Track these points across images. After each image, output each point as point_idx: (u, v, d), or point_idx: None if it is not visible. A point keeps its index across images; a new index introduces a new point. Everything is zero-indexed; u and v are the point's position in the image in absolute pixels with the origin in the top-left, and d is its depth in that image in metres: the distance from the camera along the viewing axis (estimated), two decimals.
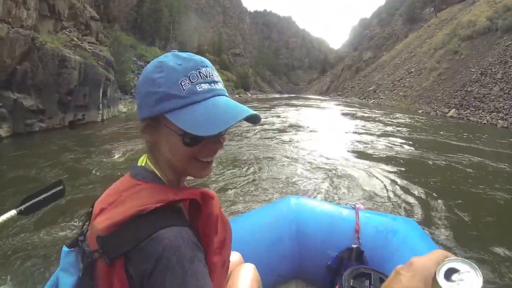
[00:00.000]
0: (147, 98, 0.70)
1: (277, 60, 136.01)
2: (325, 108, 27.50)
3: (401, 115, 20.08)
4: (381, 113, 21.37)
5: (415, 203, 4.73)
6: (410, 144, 9.57)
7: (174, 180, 0.77)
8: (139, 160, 0.81)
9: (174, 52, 0.74)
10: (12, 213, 1.25)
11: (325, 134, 11.59)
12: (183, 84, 0.67)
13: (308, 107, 27.58)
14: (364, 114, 20.57)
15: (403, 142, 9.86)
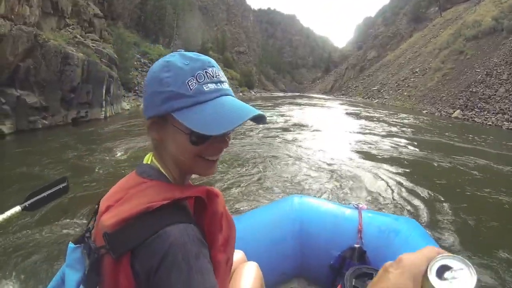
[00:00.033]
0: (154, 97, 0.70)
1: (281, 59, 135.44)
2: (329, 107, 27.43)
3: (406, 116, 19.97)
4: (386, 113, 21.27)
5: (419, 204, 4.72)
6: (415, 145, 9.50)
7: (179, 178, 0.78)
8: (145, 158, 0.82)
9: (181, 52, 0.74)
10: (17, 209, 1.26)
11: (329, 134, 11.56)
12: (190, 84, 0.68)
13: (312, 106, 27.50)
14: (368, 114, 20.47)
15: (408, 143, 9.79)
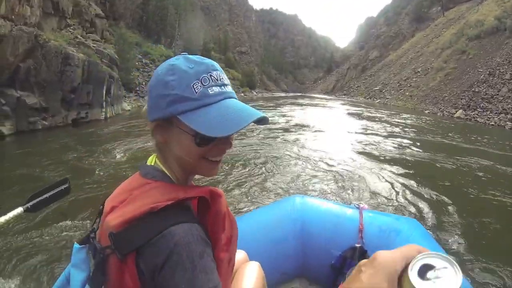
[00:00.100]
0: (160, 100, 0.71)
1: (283, 59, 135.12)
2: (331, 108, 27.36)
3: (408, 116, 19.87)
4: (387, 113, 21.17)
5: (420, 205, 4.70)
6: (416, 145, 9.42)
7: (183, 179, 0.80)
8: (148, 160, 0.83)
9: (185, 55, 0.75)
10: (19, 211, 1.27)
11: (331, 134, 11.50)
12: (196, 87, 0.70)
13: (314, 106, 27.46)
14: (370, 114, 20.38)
15: (409, 143, 9.72)
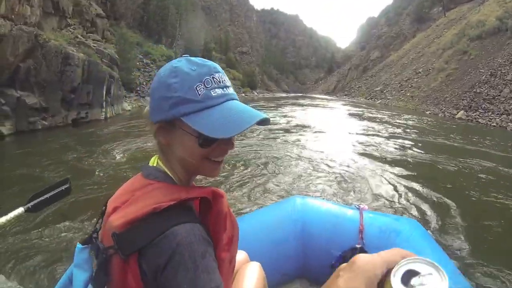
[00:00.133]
0: (163, 102, 0.72)
1: (284, 59, 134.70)
2: (332, 108, 27.29)
3: (409, 116, 19.80)
4: (389, 114, 21.10)
5: (421, 206, 4.68)
6: (418, 147, 9.38)
7: (185, 180, 0.81)
8: (150, 161, 0.83)
9: (187, 57, 0.76)
10: (20, 211, 1.28)
11: (332, 135, 11.47)
12: (198, 89, 0.70)
13: (315, 107, 27.41)
14: (371, 115, 20.32)
15: (411, 144, 9.67)
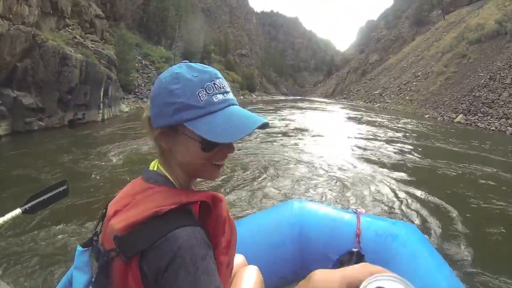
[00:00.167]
0: (165, 108, 0.72)
1: (283, 61, 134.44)
2: (330, 112, 27.32)
3: (408, 120, 19.81)
4: (387, 118, 21.11)
5: (419, 210, 4.67)
6: (416, 151, 9.35)
7: (185, 184, 0.81)
8: (151, 165, 0.84)
9: (187, 63, 0.77)
10: (17, 212, 1.28)
11: (330, 139, 11.44)
12: (201, 95, 0.71)
13: (313, 110, 27.44)
14: (370, 119, 20.31)
15: (409, 149, 9.64)
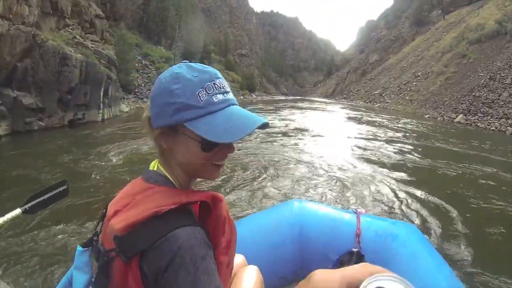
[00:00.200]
0: (165, 108, 0.72)
1: (283, 61, 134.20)
2: (330, 112, 27.30)
3: (408, 120, 19.80)
4: (387, 118, 21.09)
5: (419, 211, 4.66)
6: (417, 151, 9.34)
7: (185, 184, 0.81)
8: (151, 165, 0.84)
9: (187, 63, 0.77)
10: (17, 212, 1.28)
11: (330, 139, 11.43)
12: (201, 95, 0.71)
13: (314, 110, 27.43)
14: (370, 119, 20.30)
15: (409, 149, 9.63)
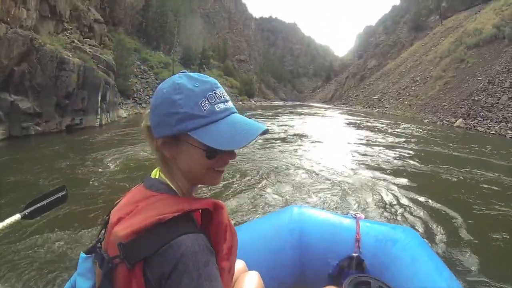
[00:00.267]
0: (167, 118, 0.74)
1: (282, 67, 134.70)
2: (329, 117, 27.30)
3: (407, 125, 19.76)
4: (386, 123, 21.06)
5: (419, 216, 4.61)
6: (416, 156, 9.27)
7: (187, 191, 0.82)
8: (152, 173, 0.85)
9: (186, 73, 0.78)
10: (17, 217, 1.27)
11: (329, 144, 11.36)
12: (203, 105, 0.73)
13: (312, 116, 27.41)
14: (369, 124, 20.25)
15: (409, 154, 9.56)
